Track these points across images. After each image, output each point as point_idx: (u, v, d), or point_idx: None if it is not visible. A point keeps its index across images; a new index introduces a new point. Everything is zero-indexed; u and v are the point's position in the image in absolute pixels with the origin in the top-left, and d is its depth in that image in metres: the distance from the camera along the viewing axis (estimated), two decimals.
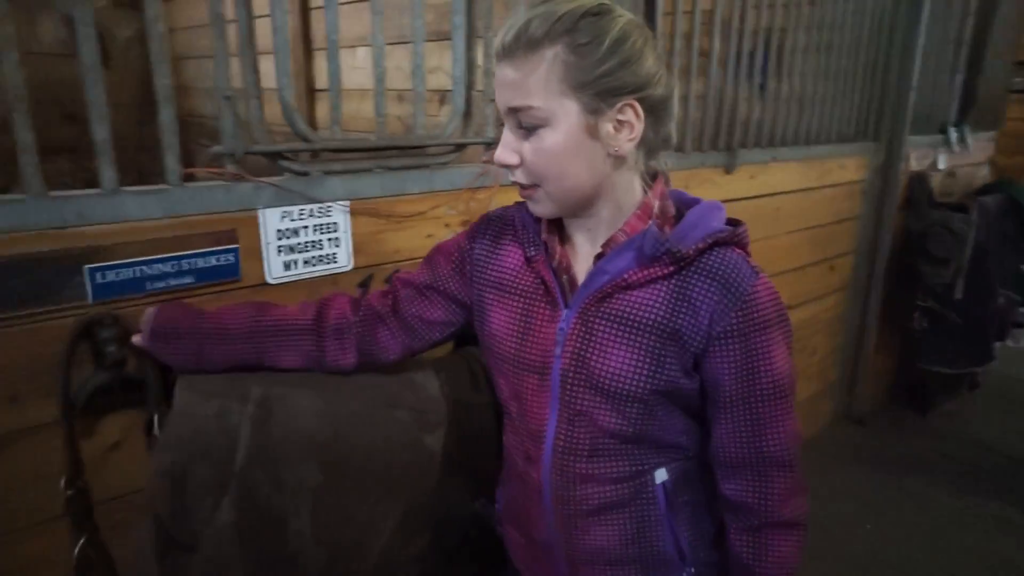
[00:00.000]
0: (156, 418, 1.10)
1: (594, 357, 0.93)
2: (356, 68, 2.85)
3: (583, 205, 0.94)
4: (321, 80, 3.11)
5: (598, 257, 0.95)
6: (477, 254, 1.09)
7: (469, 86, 1.53)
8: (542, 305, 0.99)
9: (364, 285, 1.38)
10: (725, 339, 0.90)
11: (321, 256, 1.35)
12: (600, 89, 0.86)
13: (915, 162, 3.15)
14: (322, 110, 3.11)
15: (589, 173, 0.90)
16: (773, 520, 0.96)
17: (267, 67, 1.24)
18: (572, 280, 0.98)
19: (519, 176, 0.92)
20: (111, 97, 1.11)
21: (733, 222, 0.96)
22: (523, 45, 0.85)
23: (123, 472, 1.18)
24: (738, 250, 0.93)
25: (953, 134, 3.34)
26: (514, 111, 0.88)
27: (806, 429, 3.06)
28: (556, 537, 1.03)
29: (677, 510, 1.01)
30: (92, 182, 1.13)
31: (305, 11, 3.06)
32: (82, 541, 1.10)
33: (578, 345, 0.94)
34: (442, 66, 2.46)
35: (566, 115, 0.86)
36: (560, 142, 0.87)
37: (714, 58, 2.15)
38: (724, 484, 0.98)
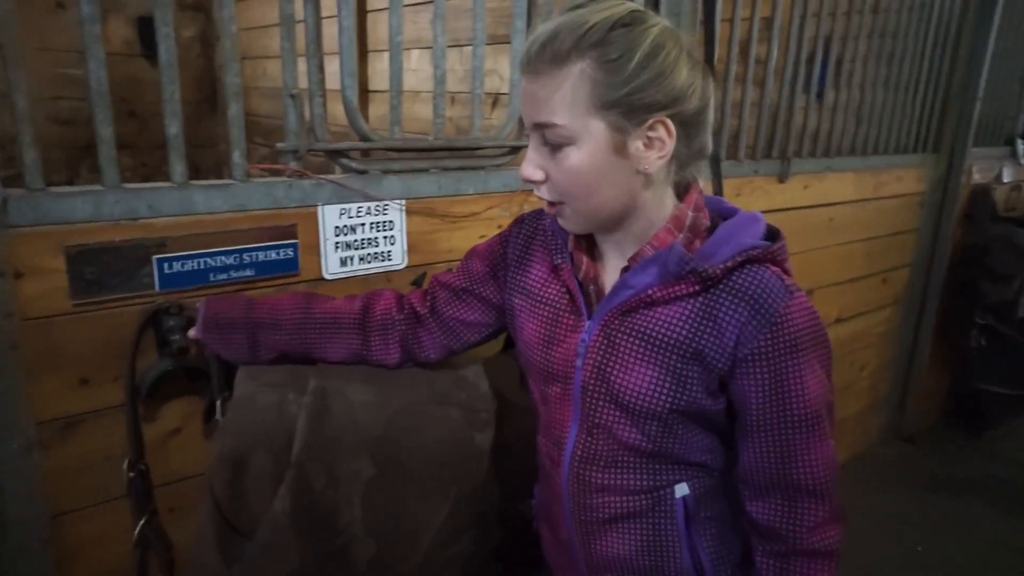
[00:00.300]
0: (219, 404, 1.13)
1: (615, 372, 0.91)
2: (408, 70, 2.89)
3: (612, 222, 0.92)
4: (375, 82, 3.15)
5: (624, 270, 0.93)
6: (510, 259, 1.09)
7: None
8: (567, 314, 0.98)
9: (417, 284, 1.40)
10: (752, 361, 0.86)
11: (376, 253, 1.38)
12: (629, 108, 0.81)
13: (978, 175, 3.05)
14: (374, 111, 3.16)
15: (616, 191, 0.87)
16: (802, 548, 0.91)
17: (327, 67, 1.27)
18: (599, 291, 0.96)
19: (544, 192, 0.90)
20: None
21: (772, 234, 0.91)
22: (548, 59, 0.81)
23: (181, 458, 1.22)
24: (773, 268, 0.87)
25: (1021, 146, 3.23)
26: (539, 127, 0.85)
27: (853, 446, 2.99)
28: (576, 540, 1.03)
29: (698, 525, 0.98)
30: (150, 177, 1.17)
31: (362, 13, 3.12)
32: (142, 522, 1.14)
33: (599, 358, 0.93)
34: (496, 69, 2.48)
35: (592, 134, 0.82)
36: (586, 161, 0.84)
37: (771, 66, 2.12)
38: (750, 505, 0.94)
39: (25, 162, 1.01)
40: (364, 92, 3.20)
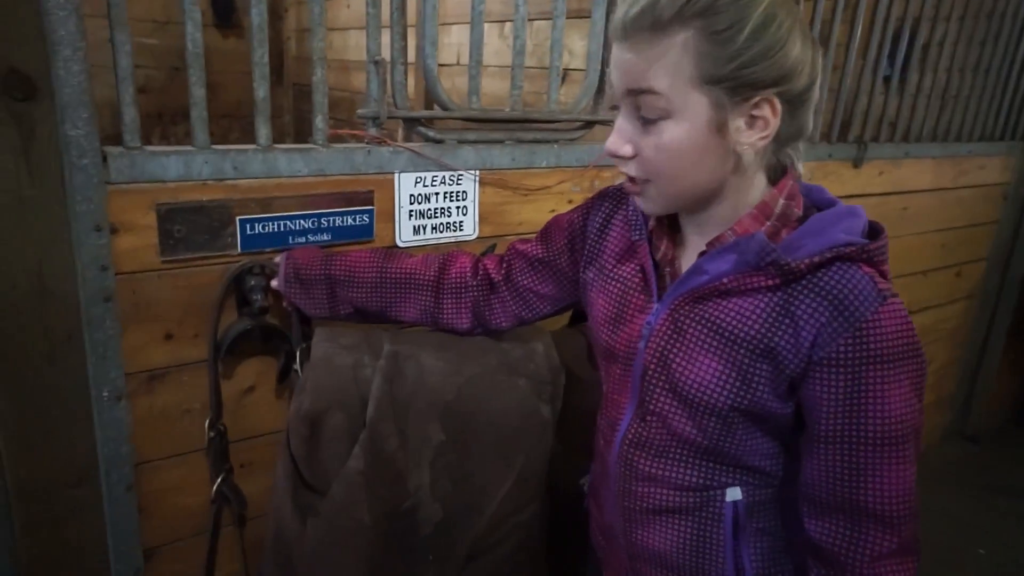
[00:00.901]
0: (298, 359, 1.15)
1: (678, 360, 0.87)
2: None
3: (696, 204, 0.86)
4: (443, 55, 3.15)
5: (701, 254, 0.87)
6: (589, 231, 1.06)
7: (604, 62, 1.52)
8: (637, 293, 0.94)
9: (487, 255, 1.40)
10: (828, 367, 0.78)
11: (449, 223, 1.38)
12: (736, 83, 0.75)
13: None
14: (444, 83, 3.16)
15: (707, 173, 0.81)
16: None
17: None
18: (675, 273, 0.92)
19: (630, 168, 0.84)
20: (242, 65, 1.16)
21: (874, 232, 0.84)
22: (647, 26, 0.75)
23: (256, 415, 1.26)
24: (867, 268, 0.79)
25: None
26: (633, 94, 0.79)
27: None
28: (618, 525, 1.00)
29: (748, 535, 0.91)
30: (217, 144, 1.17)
31: None
32: (220, 479, 1.18)
33: (664, 343, 0.88)
34: (567, 44, 2.44)
35: (692, 109, 0.77)
36: (683, 139, 0.78)
37: (854, 47, 2.04)
38: (810, 522, 0.86)
39: (124, 121, 1.04)
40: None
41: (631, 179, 0.86)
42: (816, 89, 0.82)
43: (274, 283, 1.16)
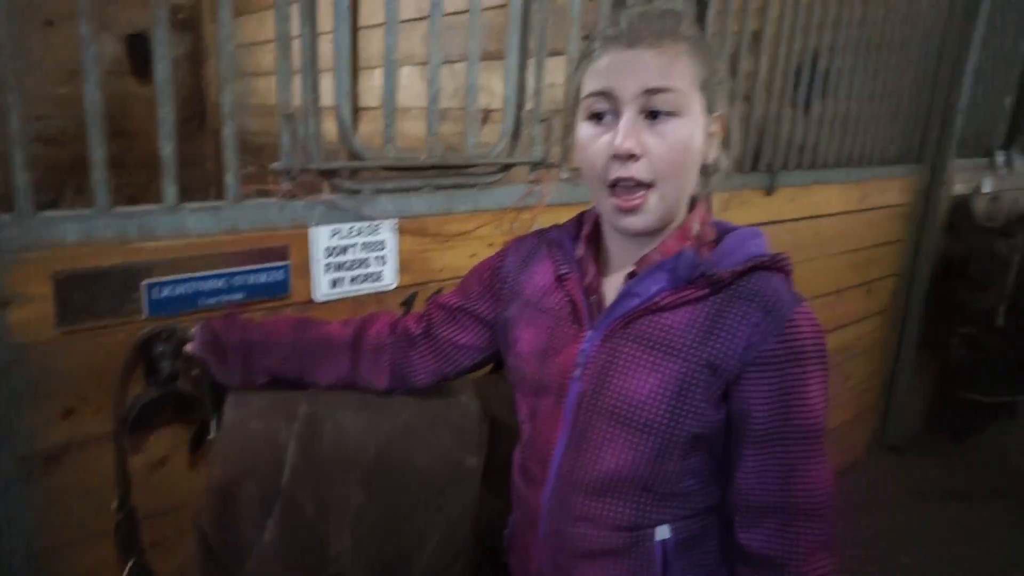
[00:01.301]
0: (213, 426, 1.11)
1: (616, 379, 0.89)
2: (400, 87, 2.88)
3: (671, 219, 0.91)
4: (366, 99, 3.13)
5: (630, 276, 0.92)
6: (507, 270, 1.08)
7: (519, 106, 1.54)
8: (567, 324, 0.96)
9: (408, 303, 1.39)
10: (761, 366, 0.84)
11: (368, 274, 1.36)
12: (711, 95, 0.87)
13: (959, 185, 3.09)
14: (367, 128, 3.15)
15: (693, 179, 0.90)
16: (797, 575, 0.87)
17: (321, 85, 1.25)
18: (601, 299, 0.95)
19: (639, 170, 0.85)
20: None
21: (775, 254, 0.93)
22: (657, 32, 0.84)
23: (168, 488, 1.20)
24: (780, 275, 0.89)
25: (1000, 157, 3.27)
26: (650, 93, 0.83)
27: (840, 457, 3.01)
28: (545, 574, 0.99)
29: (675, 573, 0.93)
30: (136, 196, 1.15)
31: (353, 30, 3.10)
32: (131, 563, 1.12)
33: (600, 368, 0.90)
34: (485, 85, 2.47)
35: (694, 110, 0.85)
36: (689, 135, 0.85)
37: (759, 79, 2.14)
38: (743, 534, 0.89)
39: (16, 185, 0.99)
40: (355, 109, 3.19)
41: (634, 186, 0.86)
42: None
43: (188, 347, 1.11)
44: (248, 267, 1.21)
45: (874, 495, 2.85)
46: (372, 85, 3.06)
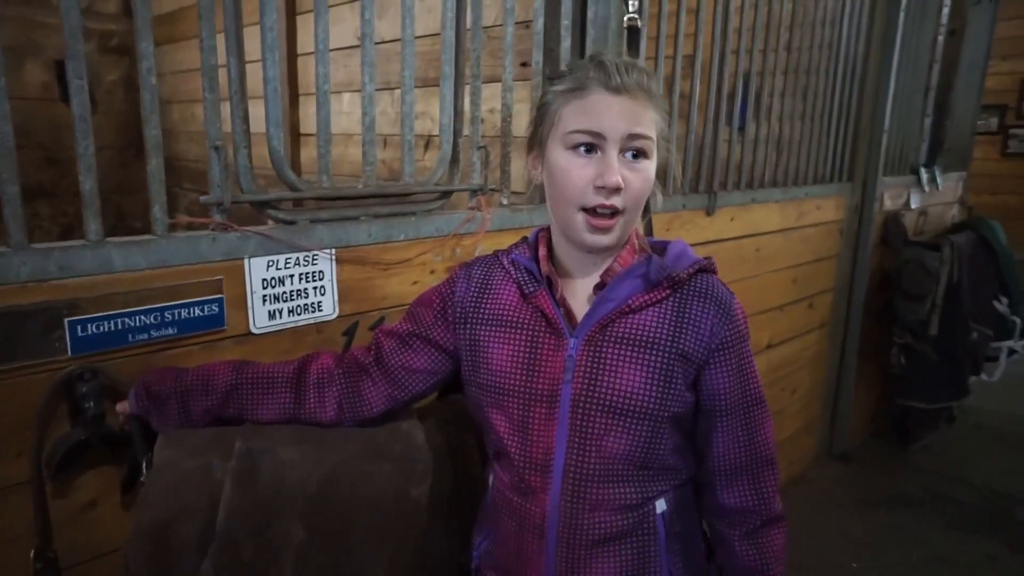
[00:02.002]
0: (144, 467, 1.07)
1: (606, 377, 0.99)
2: (341, 113, 2.87)
3: (628, 236, 1.05)
4: (306, 125, 3.11)
5: (599, 287, 1.03)
6: (461, 296, 1.11)
7: (456, 133, 1.55)
8: (546, 336, 1.03)
9: (349, 333, 1.37)
10: (722, 351, 1.01)
11: (306, 305, 1.34)
12: (664, 140, 1.03)
13: (889, 202, 3.22)
14: (307, 155, 3.12)
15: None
16: (769, 515, 1.06)
17: (255, 111, 1.24)
18: (569, 311, 1.05)
19: (618, 200, 0.98)
20: (95, 140, 1.10)
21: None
22: (635, 86, 0.97)
23: (99, 533, 1.15)
24: (715, 275, 1.06)
25: (924, 175, 3.43)
26: (631, 137, 0.97)
27: (789, 468, 3.07)
28: (554, 572, 1.03)
29: (673, 541, 1.05)
30: (69, 227, 1.12)
31: (292, 57, 3.08)
32: None
33: (588, 370, 1.00)
34: (426, 111, 2.48)
35: (655, 151, 1.01)
36: (652, 174, 1.01)
37: (695, 102, 2.20)
38: (724, 495, 1.06)
39: None
40: (296, 136, 3.16)
41: (610, 215, 0.98)
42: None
43: (120, 406, 1.09)
44: (180, 301, 1.18)
45: (824, 504, 2.91)
46: (314, 111, 3.05)
